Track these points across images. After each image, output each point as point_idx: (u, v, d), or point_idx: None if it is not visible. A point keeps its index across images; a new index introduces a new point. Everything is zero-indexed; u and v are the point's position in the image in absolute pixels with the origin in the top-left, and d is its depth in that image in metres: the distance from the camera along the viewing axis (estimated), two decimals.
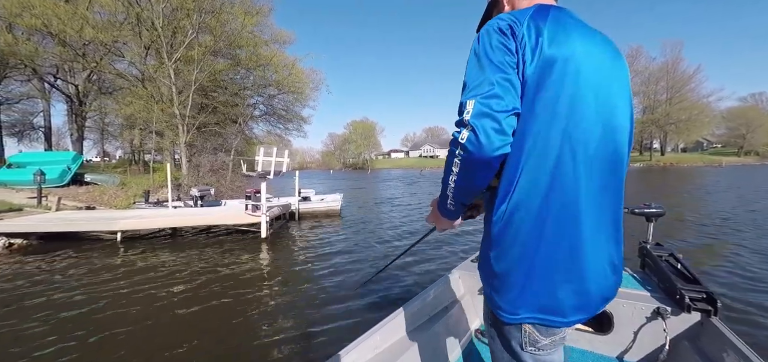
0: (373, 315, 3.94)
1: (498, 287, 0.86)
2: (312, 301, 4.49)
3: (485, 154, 0.74)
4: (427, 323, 1.97)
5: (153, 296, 4.65)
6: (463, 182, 0.81)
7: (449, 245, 6.85)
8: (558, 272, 0.81)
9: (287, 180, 18.69)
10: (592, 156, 0.80)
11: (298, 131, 27.51)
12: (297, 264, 6.09)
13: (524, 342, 0.87)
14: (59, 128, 37.62)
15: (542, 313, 0.82)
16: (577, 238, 0.80)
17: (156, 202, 10.94)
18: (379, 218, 10.66)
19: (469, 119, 0.75)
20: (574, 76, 0.79)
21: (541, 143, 0.78)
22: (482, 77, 0.78)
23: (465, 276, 2.47)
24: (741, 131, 64.88)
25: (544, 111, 0.78)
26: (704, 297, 1.67)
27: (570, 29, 0.82)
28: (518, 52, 0.79)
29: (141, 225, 7.70)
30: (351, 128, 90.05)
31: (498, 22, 0.83)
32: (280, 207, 8.90)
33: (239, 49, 20.14)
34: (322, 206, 11.11)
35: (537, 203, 0.79)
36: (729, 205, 11.55)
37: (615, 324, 1.90)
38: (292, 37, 23.82)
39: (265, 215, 7.42)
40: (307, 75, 24.17)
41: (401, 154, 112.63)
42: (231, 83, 21.46)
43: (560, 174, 0.79)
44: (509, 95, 0.76)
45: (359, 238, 7.88)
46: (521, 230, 0.80)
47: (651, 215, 2.20)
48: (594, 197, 0.81)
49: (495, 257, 0.85)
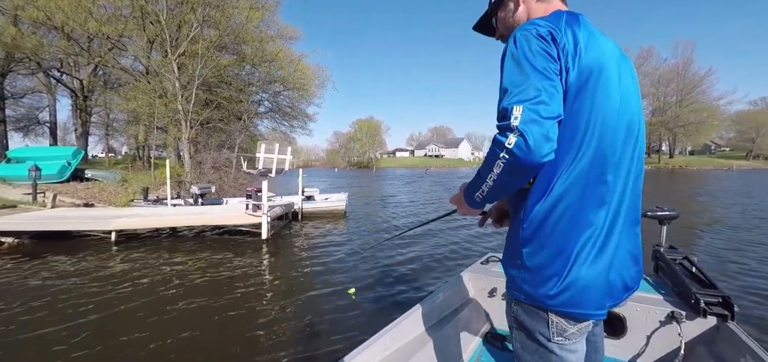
0: (377, 321, 3.58)
1: (530, 281, 0.90)
2: (313, 307, 4.14)
3: (533, 160, 0.76)
4: (437, 325, 1.96)
5: (144, 301, 4.28)
6: (502, 182, 0.83)
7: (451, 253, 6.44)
8: (589, 265, 0.85)
9: (292, 178, 18.43)
10: (619, 157, 0.87)
11: (303, 128, 27.14)
12: (299, 267, 5.70)
13: (553, 332, 0.90)
14: (65, 124, 37.68)
15: (572, 305, 0.86)
16: (607, 234, 0.86)
17: (155, 200, 10.62)
18: (385, 219, 10.25)
19: (517, 124, 0.75)
20: (606, 82, 0.85)
21: (577, 147, 0.84)
22: (527, 83, 0.79)
23: (475, 278, 2.43)
24: (751, 135, 63.98)
25: (581, 117, 0.83)
26: (720, 301, 1.62)
27: (597, 36, 0.88)
28: (560, 59, 0.82)
29: (136, 224, 7.34)
30: (356, 127, 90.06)
31: (536, 27, 0.85)
32: (282, 207, 8.53)
33: (244, 45, 19.82)
34: (327, 206, 10.73)
35: (572, 202, 0.85)
36: (750, 209, 10.99)
37: (628, 328, 1.87)
38: (298, 33, 23.46)
39: (266, 215, 7.04)
40: (313, 72, 23.80)
41: (406, 153, 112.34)
42: (236, 79, 21.16)
43: (594, 175, 0.85)
44: (554, 101, 0.78)
45: (365, 240, 7.47)
46: (557, 227, 0.86)
47: (664, 218, 2.16)
48: (621, 194, 0.88)
49: (529, 253, 0.90)
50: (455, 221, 8.84)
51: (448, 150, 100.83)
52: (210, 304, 4.23)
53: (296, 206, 9.93)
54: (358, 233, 8.29)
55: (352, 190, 21.40)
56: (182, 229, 8.11)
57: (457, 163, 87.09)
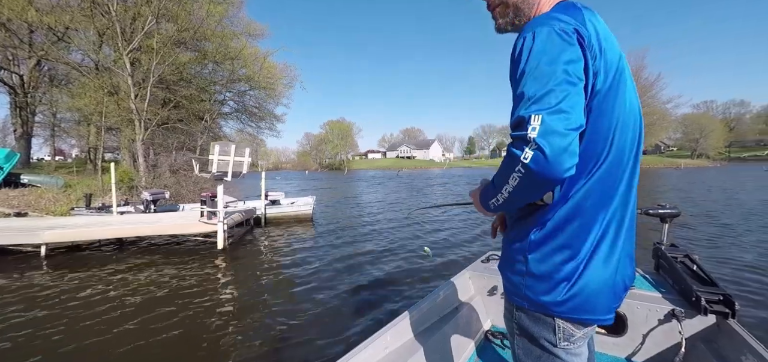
0: (346, 333, 3.28)
1: (535, 288, 0.86)
2: (274, 321, 3.76)
3: (553, 175, 0.69)
4: (439, 322, 1.95)
5: (75, 326, 3.70)
6: (516, 196, 0.77)
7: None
8: (600, 270, 0.82)
9: (258, 182, 17.59)
10: (627, 160, 0.85)
11: (271, 129, 26.21)
12: (259, 278, 5.24)
13: (559, 338, 0.88)
14: (4, 124, 34.24)
15: (582, 311, 0.83)
16: (615, 237, 0.85)
17: (100, 207, 9.68)
18: (355, 223, 9.86)
19: (535, 136, 0.67)
20: (625, 84, 0.81)
21: (598, 153, 0.80)
22: (546, 88, 0.70)
23: (475, 277, 2.42)
24: (695, 136, 69.45)
25: (603, 122, 0.79)
26: (721, 299, 1.62)
27: (609, 31, 0.84)
28: (587, 61, 0.75)
29: (73, 236, 6.53)
30: (327, 128, 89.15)
31: (560, 23, 0.75)
32: (241, 213, 7.96)
33: (206, 41, 18.82)
34: (292, 211, 10.22)
35: (588, 209, 0.81)
36: (713, 204, 11.56)
37: (629, 326, 1.86)
38: (265, 30, 22.61)
39: (223, 222, 6.48)
40: (281, 70, 23.07)
41: (378, 155, 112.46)
42: (197, 77, 20.03)
43: (609, 181, 0.82)
44: (577, 110, 0.71)
45: (333, 246, 7.05)
46: (570, 234, 0.82)
47: (666, 215, 2.12)
48: (626, 197, 0.86)
49: (536, 259, 0.86)
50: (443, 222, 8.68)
51: (420, 152, 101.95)
52: (154, 326, 3.70)
53: (259, 212, 9.37)
54: (325, 238, 7.88)
55: (321, 193, 20.85)
56: (130, 240, 7.39)
57: (429, 164, 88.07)
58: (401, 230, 8.69)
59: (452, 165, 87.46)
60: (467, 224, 9.02)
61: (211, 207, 6.60)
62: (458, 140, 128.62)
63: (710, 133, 68.02)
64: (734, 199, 13.35)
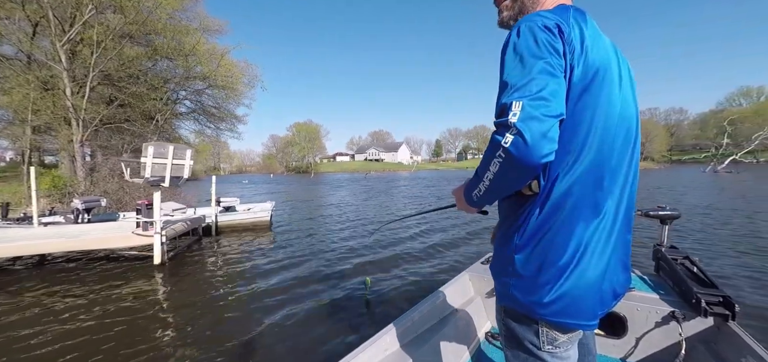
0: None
1: (522, 289, 0.86)
2: (219, 345, 3.24)
3: (532, 160, 0.70)
4: (438, 324, 1.95)
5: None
6: (498, 184, 0.79)
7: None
8: (584, 274, 0.81)
9: (223, 186, 16.36)
10: (616, 162, 0.84)
11: (231, 131, 24.90)
12: (203, 296, 4.58)
13: (542, 341, 0.88)
14: None
15: (564, 315, 0.82)
16: (604, 242, 0.83)
17: (21, 218, 8.46)
18: (318, 230, 9.27)
19: (515, 122, 0.70)
20: (610, 85, 0.81)
21: (578, 150, 0.79)
22: (528, 77, 0.73)
23: (475, 278, 2.41)
24: (641, 140, 74.90)
25: (584, 118, 0.79)
26: (721, 300, 1.61)
27: (602, 35, 0.85)
28: (566, 54, 0.77)
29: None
30: (294, 130, 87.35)
31: (543, 19, 0.79)
32: (186, 222, 7.17)
33: (156, 35, 17.49)
34: (247, 218, 9.47)
35: (569, 208, 0.80)
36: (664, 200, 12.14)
37: (629, 328, 1.86)
38: (224, 26, 21.34)
39: (160, 233, 5.75)
40: (241, 69, 21.97)
41: (347, 157, 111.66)
42: (146, 74, 18.52)
43: (592, 180, 0.81)
44: (557, 99, 0.73)
45: (292, 256, 6.47)
46: (552, 234, 0.81)
47: (666, 217, 2.11)
48: (618, 201, 0.85)
49: (522, 260, 0.86)
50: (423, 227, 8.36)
51: (388, 154, 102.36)
52: (70, 358, 3.08)
53: (209, 220, 8.60)
54: (284, 248, 7.28)
55: (284, 197, 20.03)
56: (56, 256, 6.44)
57: (397, 167, 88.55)
58: (365, 237, 8.29)
59: (420, 168, 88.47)
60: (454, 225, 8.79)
61: (147, 216, 5.85)
62: (426, 142, 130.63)
63: (655, 138, 73.62)
64: (682, 197, 14.22)
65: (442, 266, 5.83)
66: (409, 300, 4.31)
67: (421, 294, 3.93)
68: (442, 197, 19.00)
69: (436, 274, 5.43)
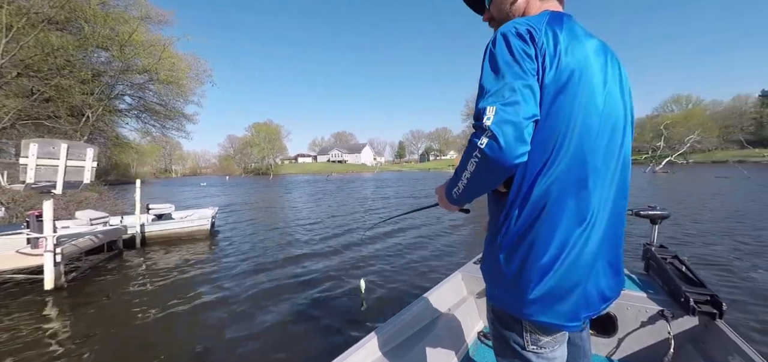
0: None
1: (505, 288, 0.87)
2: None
3: (505, 161, 0.73)
4: (431, 324, 1.95)
5: None
6: (474, 183, 0.82)
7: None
8: (565, 275, 0.81)
9: (174, 189, 14.47)
10: (601, 162, 0.83)
11: (179, 130, 22.95)
12: (110, 327, 3.67)
13: (527, 341, 0.89)
14: None
15: (545, 315, 0.83)
16: (587, 242, 0.82)
17: None
18: (267, 238, 8.33)
19: (489, 124, 0.73)
20: (589, 85, 0.81)
21: (555, 151, 0.80)
22: (502, 83, 0.76)
23: (468, 278, 2.42)
24: None
25: (560, 119, 0.79)
26: (709, 299, 1.63)
27: (581, 38, 0.85)
28: (538, 58, 0.79)
29: None
30: (253, 131, 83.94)
31: (516, 26, 0.81)
32: (95, 235, 6.04)
33: (85, 22, 15.57)
34: (183, 227, 8.36)
35: (550, 208, 0.81)
36: None
37: (619, 327, 1.87)
38: (169, 16, 19.48)
39: (54, 251, 4.63)
40: (189, 63, 20.28)
41: (309, 159, 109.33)
42: (74, 66, 16.40)
43: (573, 180, 0.81)
44: (530, 102, 0.75)
45: (230, 270, 5.67)
46: (534, 233, 0.82)
47: (656, 217, 2.12)
48: (603, 201, 0.84)
49: (504, 258, 0.87)
50: None
51: (352, 156, 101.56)
52: None
53: (133, 230, 7.44)
54: (224, 261, 6.38)
55: (236, 201, 18.68)
56: None
57: (360, 168, 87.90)
58: (322, 242, 7.57)
59: (383, 169, 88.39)
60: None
61: (36, 231, 4.73)
62: (389, 144, 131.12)
63: None
64: (632, 198, 14.93)
65: (436, 264, 5.34)
66: (401, 301, 4.15)
67: (416, 292, 3.59)
68: (401, 196, 18.57)
69: (428, 273, 5.29)
